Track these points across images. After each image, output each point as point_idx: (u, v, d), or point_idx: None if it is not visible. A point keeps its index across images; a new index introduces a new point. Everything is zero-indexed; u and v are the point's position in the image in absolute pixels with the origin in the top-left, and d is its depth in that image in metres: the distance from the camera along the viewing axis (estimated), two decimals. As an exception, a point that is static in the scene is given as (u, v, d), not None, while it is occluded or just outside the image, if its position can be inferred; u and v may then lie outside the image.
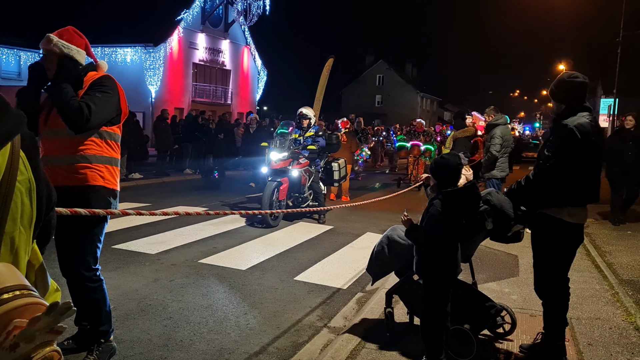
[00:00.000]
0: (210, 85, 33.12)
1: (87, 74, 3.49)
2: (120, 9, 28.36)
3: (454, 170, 3.80)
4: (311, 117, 9.97)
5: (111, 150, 3.56)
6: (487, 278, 6.00)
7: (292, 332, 4.55)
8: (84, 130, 3.32)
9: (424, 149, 16.05)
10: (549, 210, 3.82)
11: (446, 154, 3.99)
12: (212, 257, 6.77)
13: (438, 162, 3.87)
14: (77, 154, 3.40)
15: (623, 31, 25.27)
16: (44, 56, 3.38)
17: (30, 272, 1.42)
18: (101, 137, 3.48)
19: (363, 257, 5.56)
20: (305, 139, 9.82)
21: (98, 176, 3.46)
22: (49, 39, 3.35)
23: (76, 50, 3.43)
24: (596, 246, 7.89)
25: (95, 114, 3.27)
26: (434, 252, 3.68)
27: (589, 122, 3.70)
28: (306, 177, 9.58)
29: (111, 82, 3.51)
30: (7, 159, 1.30)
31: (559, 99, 3.91)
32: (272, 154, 9.12)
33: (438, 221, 3.64)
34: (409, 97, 61.73)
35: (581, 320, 4.81)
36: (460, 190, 3.77)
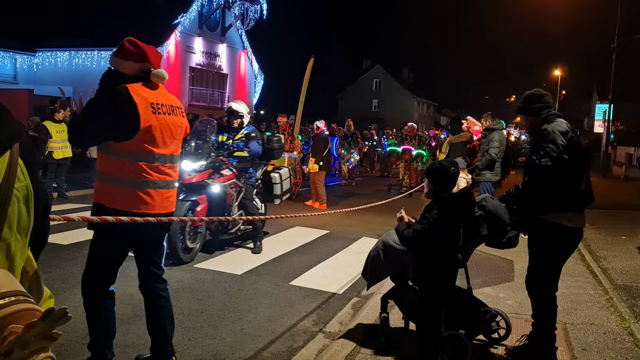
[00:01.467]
0: (207, 89, 33.10)
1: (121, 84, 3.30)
2: (117, 13, 28.33)
3: (450, 176, 3.81)
4: (244, 114, 7.59)
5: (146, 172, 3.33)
6: (482, 283, 6.01)
7: (288, 337, 4.55)
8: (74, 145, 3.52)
9: (415, 154, 15.51)
10: (548, 217, 3.88)
11: (444, 160, 4.01)
12: (208, 261, 6.77)
13: (435, 167, 3.89)
14: (103, 171, 3.37)
15: (618, 37, 25.40)
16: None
17: (24, 279, 1.42)
18: (110, 152, 3.31)
19: (359, 262, 5.57)
20: (234, 143, 7.45)
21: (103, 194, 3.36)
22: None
23: (121, 62, 3.37)
24: (591, 251, 7.92)
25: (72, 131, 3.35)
26: (429, 257, 3.69)
27: (567, 127, 3.87)
28: (233, 194, 7.30)
29: (109, 97, 3.26)
30: (6, 167, 1.31)
31: (531, 112, 4.08)
32: (185, 164, 6.60)
33: (434, 226, 3.65)
34: (406, 101, 61.81)
35: (576, 325, 4.82)
36: (456, 195, 3.79)
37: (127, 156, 3.27)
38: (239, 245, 7.77)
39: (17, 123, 1.33)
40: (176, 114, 3.50)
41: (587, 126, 53.50)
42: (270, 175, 8.19)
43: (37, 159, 1.51)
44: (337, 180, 18.08)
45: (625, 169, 23.69)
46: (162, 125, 3.34)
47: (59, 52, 28.27)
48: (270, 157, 8.31)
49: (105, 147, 3.31)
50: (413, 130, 15.91)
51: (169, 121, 3.41)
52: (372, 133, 26.39)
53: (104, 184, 3.35)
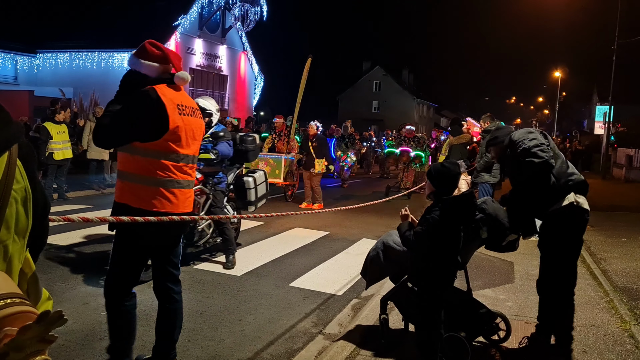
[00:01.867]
0: (207, 90, 33.09)
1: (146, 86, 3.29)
2: (118, 14, 28.36)
3: (452, 178, 3.81)
4: (212, 111, 6.65)
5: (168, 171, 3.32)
6: (482, 285, 6.00)
7: (287, 338, 4.54)
8: (100, 146, 3.36)
9: (413, 156, 15.23)
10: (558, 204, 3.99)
11: (446, 162, 4.00)
12: (207, 262, 6.76)
13: (437, 169, 3.87)
14: (128, 171, 3.30)
15: (618, 39, 25.41)
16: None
17: (22, 281, 1.42)
18: (135, 152, 3.26)
19: (359, 263, 5.56)
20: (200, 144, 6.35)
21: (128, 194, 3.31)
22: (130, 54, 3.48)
23: (144, 64, 3.35)
24: (591, 253, 7.91)
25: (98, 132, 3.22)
26: (430, 259, 3.68)
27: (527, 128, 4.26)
28: (199, 202, 6.42)
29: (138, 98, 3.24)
30: (4, 168, 1.30)
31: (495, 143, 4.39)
32: None
33: (435, 228, 3.65)
34: (406, 103, 61.84)
35: (576, 328, 4.79)
36: (458, 198, 3.78)
37: (154, 155, 3.26)
38: (238, 246, 7.75)
39: (15, 124, 1.32)
40: (196, 116, 3.54)
41: (587, 128, 53.55)
42: (243, 179, 7.21)
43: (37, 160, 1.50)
44: (337, 182, 17.99)
45: (626, 171, 23.67)
46: (187, 126, 3.37)
47: (59, 54, 28.27)
48: (244, 160, 7.45)
49: (130, 147, 3.26)
50: (411, 133, 15.78)
51: (192, 122, 3.45)
52: (371, 134, 26.27)
53: (130, 184, 3.30)
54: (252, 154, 7.46)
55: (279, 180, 12.77)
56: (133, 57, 3.37)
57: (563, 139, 37.50)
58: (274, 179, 12.48)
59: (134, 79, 3.33)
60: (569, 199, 3.97)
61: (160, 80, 3.34)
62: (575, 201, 3.97)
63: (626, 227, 10.15)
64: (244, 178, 7.24)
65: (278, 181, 12.77)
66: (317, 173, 12.01)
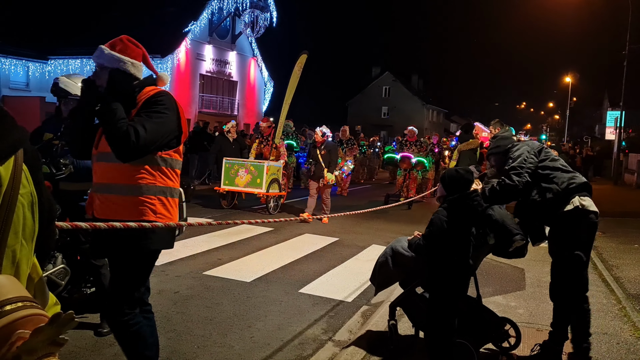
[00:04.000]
0: (217, 96, 33.26)
1: (143, 89, 3.04)
2: (128, 20, 28.56)
3: (464, 184, 3.83)
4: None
5: (166, 178, 3.03)
6: (493, 291, 5.96)
7: (296, 345, 4.53)
8: (131, 159, 2.84)
9: (415, 162, 14.16)
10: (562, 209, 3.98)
11: (460, 168, 4.04)
12: (217, 268, 6.76)
13: (451, 174, 3.91)
14: (129, 184, 2.92)
15: (629, 44, 25.26)
16: (95, 71, 3.01)
17: (29, 286, 1.42)
18: (155, 163, 2.96)
19: (368, 270, 5.53)
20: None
21: (149, 210, 2.94)
22: (100, 50, 2.98)
23: (130, 63, 3.01)
24: (603, 260, 7.83)
25: (144, 139, 2.79)
26: (441, 265, 3.68)
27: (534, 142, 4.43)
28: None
29: (168, 99, 3.02)
30: (10, 173, 1.31)
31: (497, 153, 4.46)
32: None
33: (443, 227, 3.67)
34: (415, 108, 61.79)
35: (588, 335, 4.75)
36: (463, 196, 3.79)
37: (167, 164, 3.02)
38: (248, 252, 7.76)
39: (20, 129, 1.33)
40: None
41: (598, 133, 53.15)
42: None
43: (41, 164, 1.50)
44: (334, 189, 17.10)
45: (637, 177, 23.48)
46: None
47: (70, 60, 28.54)
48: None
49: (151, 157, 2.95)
50: (414, 135, 14.73)
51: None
52: (375, 139, 25.69)
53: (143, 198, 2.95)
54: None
55: (261, 190, 11.26)
56: (116, 55, 2.99)
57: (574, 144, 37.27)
58: (255, 188, 11.29)
59: (124, 81, 2.99)
60: (574, 203, 3.96)
61: (147, 81, 3.11)
62: (580, 204, 3.95)
63: (638, 234, 10.05)
64: None
65: (259, 191, 11.30)
66: (329, 184, 11.05)
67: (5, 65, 26.39)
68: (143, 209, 2.93)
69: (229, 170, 11.61)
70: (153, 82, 3.13)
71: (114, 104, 2.86)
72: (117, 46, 3.01)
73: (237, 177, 11.49)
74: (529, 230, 4.12)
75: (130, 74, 3.00)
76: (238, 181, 11.48)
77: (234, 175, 11.54)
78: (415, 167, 14.28)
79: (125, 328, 3.04)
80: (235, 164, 11.61)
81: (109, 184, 2.96)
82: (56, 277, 4.43)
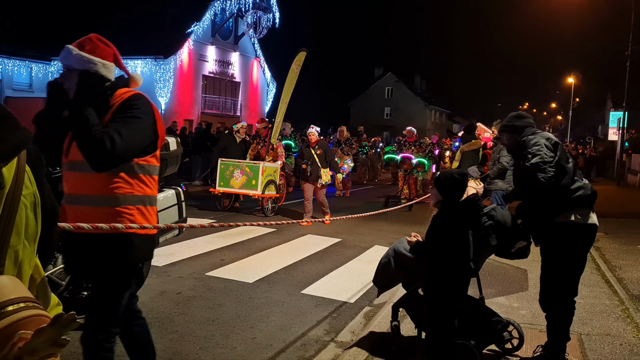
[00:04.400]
0: (220, 97, 33.31)
1: (116, 92, 2.80)
2: (131, 22, 28.62)
3: (460, 187, 3.81)
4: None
5: (144, 186, 2.81)
6: (495, 292, 5.95)
7: (299, 346, 4.53)
8: (107, 168, 2.60)
9: (416, 163, 13.87)
10: (558, 218, 3.90)
11: (454, 170, 4.00)
12: (219, 269, 6.77)
13: (446, 177, 3.87)
14: (104, 194, 2.69)
15: (632, 44, 25.20)
16: (62, 73, 2.77)
17: (32, 286, 1.43)
18: (132, 171, 2.75)
19: (371, 271, 5.52)
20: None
21: (128, 222, 2.73)
22: (67, 51, 2.73)
23: (101, 64, 2.77)
24: (606, 260, 7.82)
25: (121, 147, 2.56)
26: (442, 268, 3.67)
27: (547, 135, 4.12)
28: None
29: (144, 102, 2.80)
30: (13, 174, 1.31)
31: (517, 131, 4.24)
32: None
33: (444, 234, 3.65)
34: (418, 109, 61.75)
35: (591, 337, 4.75)
36: (464, 202, 3.78)
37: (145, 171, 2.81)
38: (250, 253, 7.76)
39: (23, 130, 1.34)
40: None
41: (601, 134, 53.07)
42: None
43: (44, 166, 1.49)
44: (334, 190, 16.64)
45: (640, 178, 23.42)
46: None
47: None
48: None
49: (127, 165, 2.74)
50: (413, 136, 14.46)
51: None
52: (376, 140, 25.42)
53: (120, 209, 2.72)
54: (165, 165, 4.85)
55: (256, 192, 11.11)
56: (86, 55, 2.73)
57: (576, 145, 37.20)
58: (250, 190, 11.14)
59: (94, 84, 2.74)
60: (570, 216, 3.86)
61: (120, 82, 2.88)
62: (576, 218, 3.86)
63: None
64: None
65: (255, 193, 11.16)
66: (324, 184, 10.73)
67: (8, 66, 26.47)
68: (121, 220, 2.70)
69: (224, 172, 11.40)
70: (126, 84, 2.90)
71: (85, 109, 2.60)
72: (86, 46, 2.75)
73: (232, 178, 11.31)
74: (532, 230, 4.09)
75: (101, 76, 2.76)
76: (233, 182, 11.31)
77: (229, 176, 11.34)
78: (415, 168, 14.05)
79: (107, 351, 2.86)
80: (231, 164, 11.40)
81: (82, 195, 2.73)
82: (57, 278, 4.60)
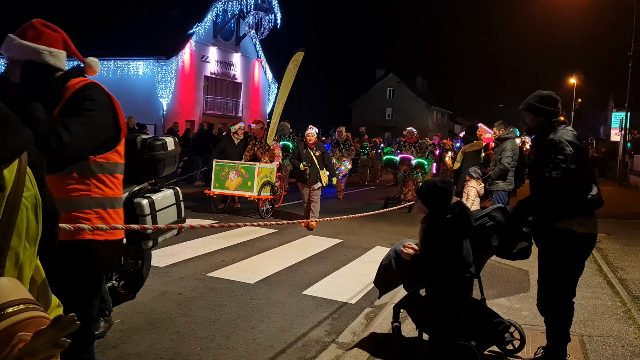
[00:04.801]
0: (222, 97, 33.35)
1: (68, 82, 2.52)
2: (133, 23, 28.69)
3: (443, 196, 3.67)
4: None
5: (105, 187, 2.56)
6: (497, 293, 5.94)
7: (300, 347, 4.52)
8: (55, 170, 2.33)
9: (415, 164, 13.48)
10: (559, 224, 3.80)
11: (437, 179, 3.87)
12: (221, 270, 6.77)
13: (429, 187, 3.74)
14: (58, 198, 2.19)
15: (634, 45, 25.17)
16: (6, 66, 2.50)
17: (32, 288, 1.43)
18: (88, 171, 2.49)
19: (372, 272, 5.52)
20: None
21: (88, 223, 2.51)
22: (8, 40, 2.45)
23: (48, 52, 2.48)
24: (608, 262, 7.80)
25: (70, 145, 2.30)
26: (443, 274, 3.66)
27: (573, 133, 3.84)
28: None
29: (98, 92, 2.52)
30: (14, 175, 1.31)
31: (540, 113, 3.96)
32: None
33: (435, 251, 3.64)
34: (420, 110, 61.77)
35: (593, 338, 4.74)
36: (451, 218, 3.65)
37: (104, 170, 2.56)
38: (252, 254, 7.76)
39: (25, 132, 1.33)
40: None
41: (603, 135, 53.01)
42: (134, 202, 4.28)
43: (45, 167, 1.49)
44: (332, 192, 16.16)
45: (643, 178, 23.39)
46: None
47: (75, 62, 28.62)
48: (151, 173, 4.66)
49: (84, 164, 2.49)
50: (413, 136, 14.06)
51: None
52: (376, 141, 25.12)
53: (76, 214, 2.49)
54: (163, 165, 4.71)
55: (252, 194, 10.91)
56: (29, 44, 2.45)
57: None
58: (245, 191, 10.97)
59: (41, 75, 2.47)
60: (570, 224, 3.74)
61: (75, 71, 2.63)
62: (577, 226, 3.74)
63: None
64: (135, 200, 4.36)
65: (250, 195, 10.95)
66: (321, 187, 10.36)
67: (10, 67, 26.54)
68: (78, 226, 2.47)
69: (219, 173, 11.17)
70: (80, 73, 2.63)
71: (31, 104, 2.36)
72: (29, 33, 2.46)
73: (227, 179, 11.09)
74: (533, 230, 4.04)
75: (48, 65, 2.47)
76: (229, 184, 11.09)
77: (224, 177, 11.12)
78: (415, 169, 13.68)
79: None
80: (226, 166, 11.17)
81: None
82: None
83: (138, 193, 4.47)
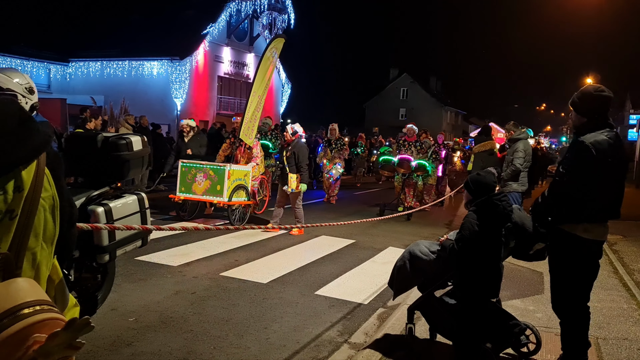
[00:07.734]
0: (235, 98, 33.45)
1: None
2: (148, 23, 28.89)
3: (488, 187, 3.96)
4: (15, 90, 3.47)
5: None
6: (511, 295, 5.90)
7: (312, 347, 4.52)
8: None
9: (415, 165, 12.09)
10: (564, 226, 3.72)
11: (482, 171, 4.16)
12: (234, 270, 6.79)
13: (475, 179, 4.03)
14: None
15: (652, 45, 24.86)
16: None
17: (50, 287, 1.44)
18: None
19: (385, 272, 5.52)
20: None
21: None
22: None
23: None
24: (624, 264, 7.72)
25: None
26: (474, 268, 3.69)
27: (607, 139, 3.60)
28: None
29: None
30: (32, 177, 1.33)
31: (581, 112, 3.78)
32: None
33: (473, 232, 3.71)
34: (433, 110, 61.49)
35: (608, 341, 4.69)
36: (491, 197, 3.90)
37: None
38: (265, 254, 7.78)
39: (43, 133, 1.35)
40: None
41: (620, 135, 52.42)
42: (88, 209, 3.78)
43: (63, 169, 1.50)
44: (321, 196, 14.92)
45: (660, 180, 23.06)
46: None
47: (91, 62, 29.01)
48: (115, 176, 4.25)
49: None
50: (413, 134, 12.65)
51: None
52: (381, 141, 24.22)
53: None
54: (128, 167, 4.23)
55: (221, 200, 9.32)
56: None
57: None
58: (214, 196, 9.39)
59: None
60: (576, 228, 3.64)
61: None
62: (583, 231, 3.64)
63: (660, 238, 9.87)
64: (89, 207, 3.81)
65: (219, 200, 9.36)
66: (292, 192, 9.37)
67: (27, 68, 26.82)
68: None
69: (186, 175, 9.56)
70: None
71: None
72: None
73: (194, 183, 9.50)
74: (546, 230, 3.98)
75: None
76: (196, 188, 9.49)
77: (190, 180, 9.52)
78: (415, 172, 12.34)
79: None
80: (193, 167, 9.55)
81: None
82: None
83: (96, 199, 3.99)
